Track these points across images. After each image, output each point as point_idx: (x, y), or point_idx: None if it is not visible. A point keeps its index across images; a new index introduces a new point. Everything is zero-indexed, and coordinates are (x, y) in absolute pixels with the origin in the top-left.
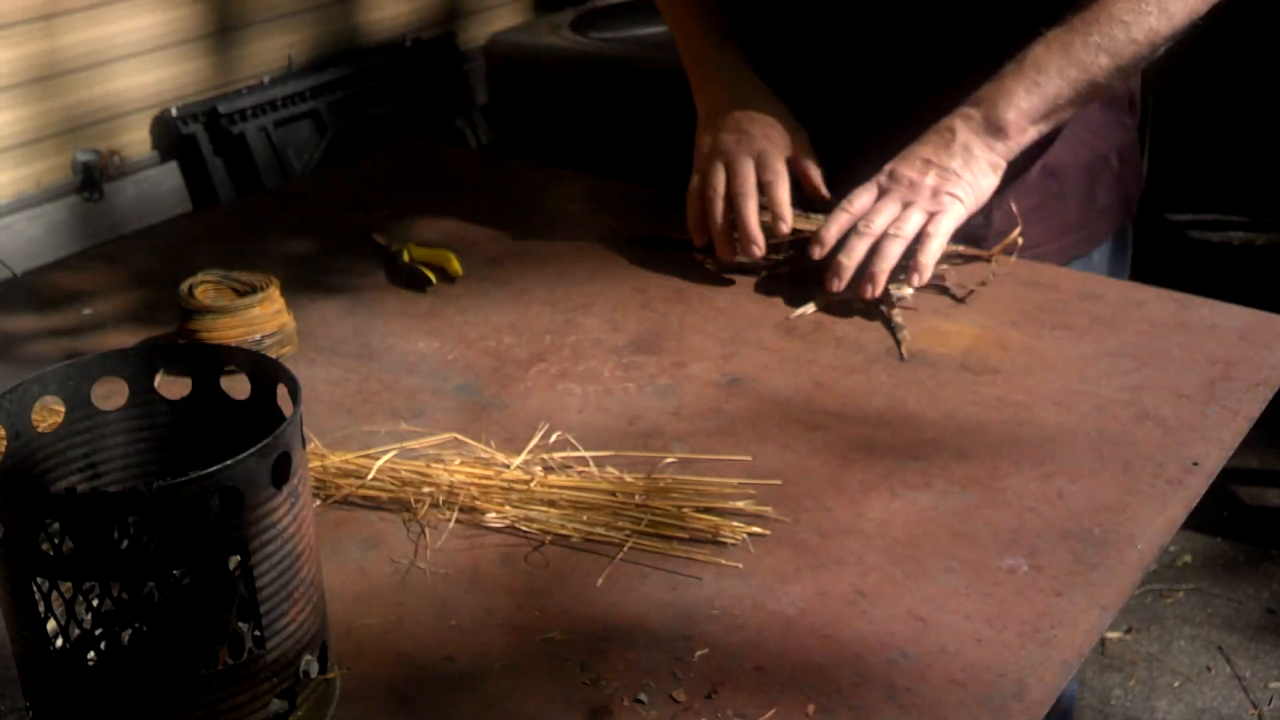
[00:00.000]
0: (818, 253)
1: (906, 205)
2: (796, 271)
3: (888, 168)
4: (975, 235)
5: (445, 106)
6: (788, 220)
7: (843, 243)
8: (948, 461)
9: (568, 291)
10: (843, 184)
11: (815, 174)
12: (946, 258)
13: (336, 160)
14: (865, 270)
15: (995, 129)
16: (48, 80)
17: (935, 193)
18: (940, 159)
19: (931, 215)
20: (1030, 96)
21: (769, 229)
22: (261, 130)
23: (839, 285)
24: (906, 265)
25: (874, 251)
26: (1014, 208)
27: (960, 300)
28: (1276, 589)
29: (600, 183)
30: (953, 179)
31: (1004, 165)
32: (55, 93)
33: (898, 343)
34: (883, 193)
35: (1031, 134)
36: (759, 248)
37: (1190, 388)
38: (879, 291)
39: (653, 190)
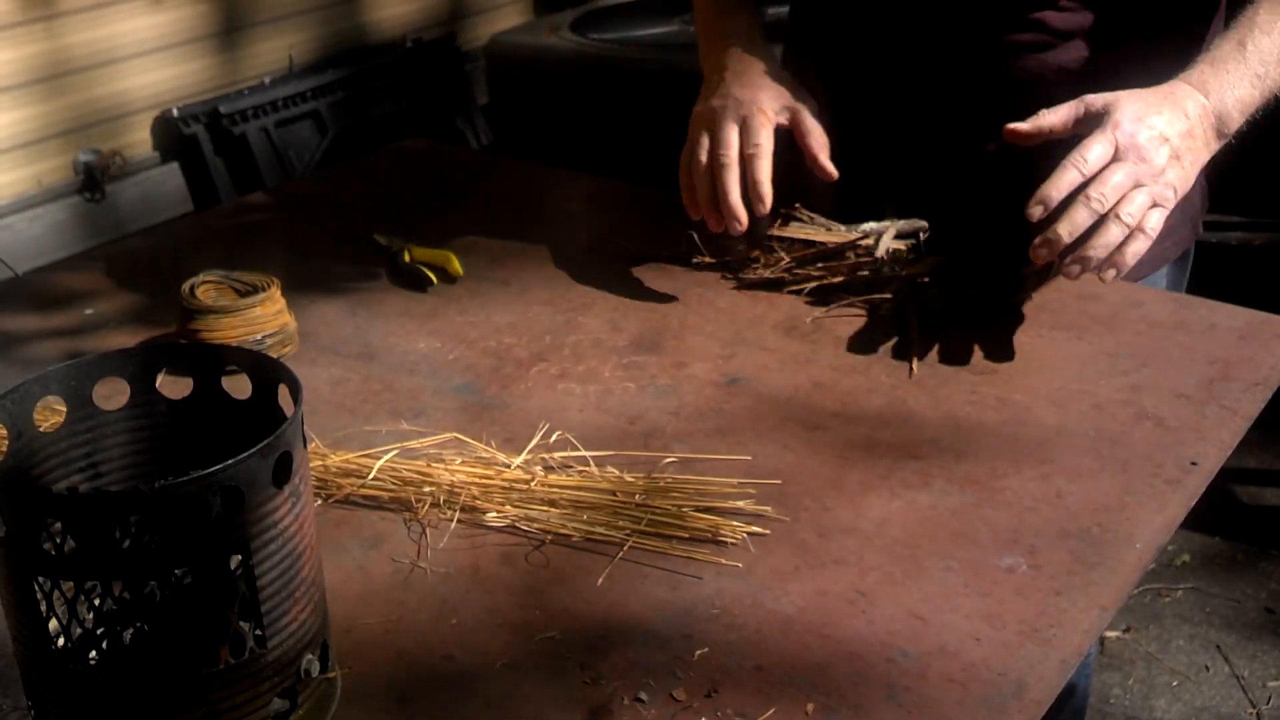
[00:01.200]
0: (1038, 212)
1: (1136, 184)
2: (824, 285)
3: (1119, 122)
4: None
5: (446, 107)
6: (766, 200)
7: (1063, 206)
8: (947, 461)
9: (568, 292)
10: (903, 191)
11: (816, 143)
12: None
13: (337, 161)
14: (1078, 245)
15: (1222, 133)
16: (50, 81)
17: (1161, 176)
18: (1176, 141)
19: (1153, 205)
20: (1254, 92)
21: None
22: (262, 131)
23: (1048, 256)
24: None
25: (1095, 228)
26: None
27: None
28: (1274, 588)
29: (600, 183)
30: (1177, 167)
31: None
32: (57, 93)
33: (911, 358)
34: (1117, 156)
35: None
36: (740, 223)
37: (1189, 388)
38: (1087, 273)
39: (653, 191)
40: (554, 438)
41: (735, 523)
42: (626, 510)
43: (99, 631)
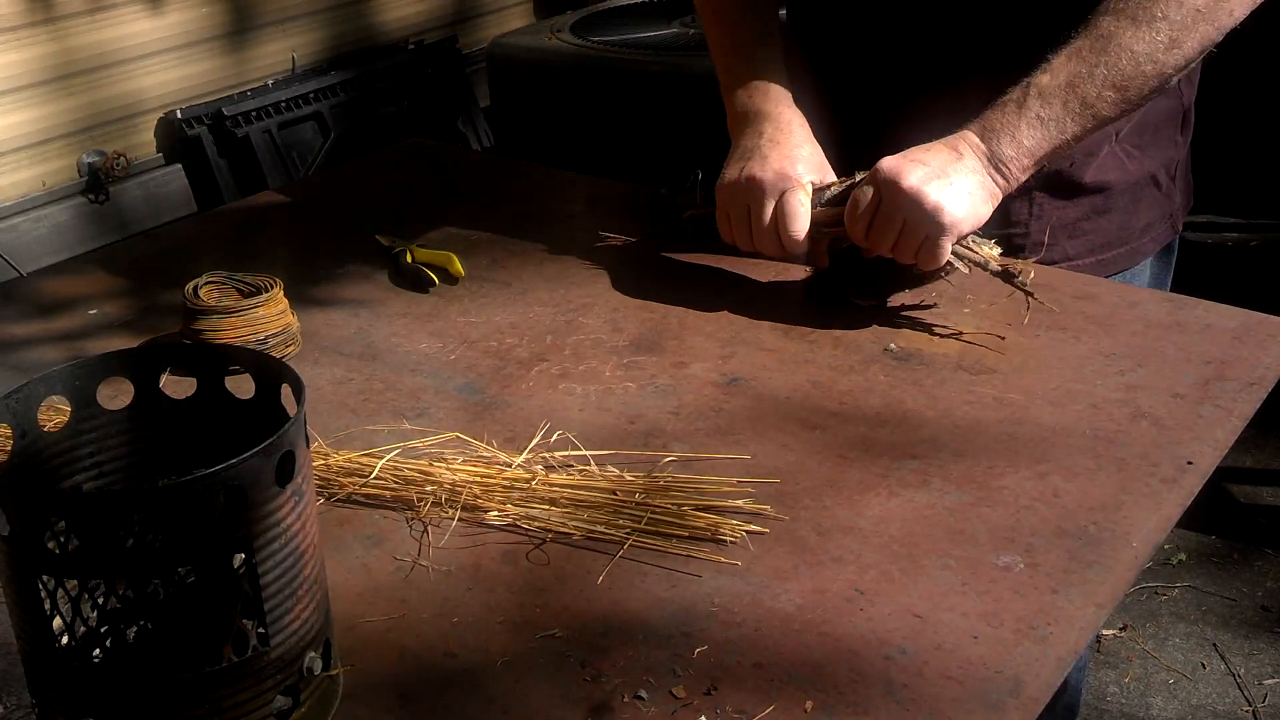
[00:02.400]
0: (856, 238)
1: (903, 225)
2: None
3: (889, 168)
4: (1015, 245)
5: (448, 109)
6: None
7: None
8: (944, 460)
9: (569, 292)
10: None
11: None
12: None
13: (340, 162)
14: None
15: (997, 163)
16: (55, 83)
17: (936, 209)
18: (945, 172)
19: (927, 237)
20: (1034, 132)
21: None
22: (266, 133)
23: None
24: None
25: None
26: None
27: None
28: (1270, 586)
29: (601, 184)
30: (952, 197)
31: (1001, 197)
32: (62, 95)
33: (1026, 292)
34: (880, 199)
35: (1032, 169)
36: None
37: (1185, 387)
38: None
39: (653, 191)
40: (555, 437)
41: (734, 521)
42: (627, 509)
43: (103, 630)
